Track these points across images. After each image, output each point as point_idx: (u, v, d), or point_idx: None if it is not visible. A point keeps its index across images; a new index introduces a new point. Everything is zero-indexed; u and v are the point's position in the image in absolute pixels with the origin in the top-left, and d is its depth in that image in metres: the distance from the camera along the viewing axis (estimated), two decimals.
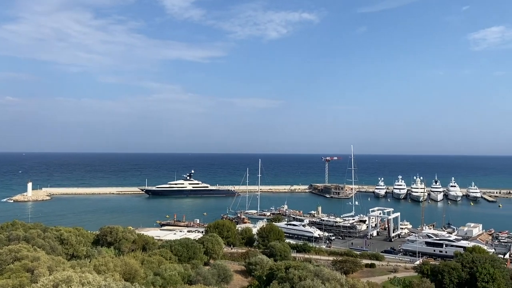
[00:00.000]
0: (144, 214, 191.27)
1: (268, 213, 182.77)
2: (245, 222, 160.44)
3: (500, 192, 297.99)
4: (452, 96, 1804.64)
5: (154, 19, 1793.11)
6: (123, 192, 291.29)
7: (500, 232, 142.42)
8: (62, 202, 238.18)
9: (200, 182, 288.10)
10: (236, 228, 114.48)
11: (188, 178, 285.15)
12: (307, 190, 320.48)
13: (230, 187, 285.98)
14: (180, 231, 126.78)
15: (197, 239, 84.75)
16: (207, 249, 78.87)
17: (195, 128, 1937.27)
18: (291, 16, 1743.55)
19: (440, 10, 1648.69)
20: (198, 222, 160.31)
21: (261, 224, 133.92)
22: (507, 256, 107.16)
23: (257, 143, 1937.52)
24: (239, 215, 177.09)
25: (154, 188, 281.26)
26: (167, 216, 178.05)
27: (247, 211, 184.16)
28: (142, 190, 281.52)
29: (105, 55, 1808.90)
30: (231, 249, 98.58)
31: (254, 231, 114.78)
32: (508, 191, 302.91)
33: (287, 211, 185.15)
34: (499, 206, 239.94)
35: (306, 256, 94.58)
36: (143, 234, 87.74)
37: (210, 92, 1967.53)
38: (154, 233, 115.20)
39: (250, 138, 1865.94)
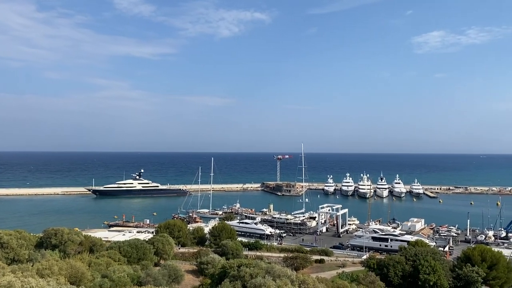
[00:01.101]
0: (91, 215, 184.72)
1: (220, 212, 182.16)
2: (197, 222, 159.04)
3: (440, 189, 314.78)
4: (397, 97, 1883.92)
5: (102, 14, 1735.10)
6: (69, 193, 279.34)
7: (441, 226, 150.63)
8: (2, 204, 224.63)
9: (150, 181, 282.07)
10: (188, 227, 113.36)
11: (137, 177, 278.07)
12: (259, 188, 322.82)
13: (181, 186, 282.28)
14: (129, 232, 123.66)
15: (147, 239, 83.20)
16: (158, 250, 77.60)
17: (145, 126, 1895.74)
18: (243, 15, 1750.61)
19: (386, 13, 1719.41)
20: (148, 222, 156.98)
21: (213, 223, 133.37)
22: (446, 248, 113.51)
23: (210, 141, 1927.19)
24: (190, 214, 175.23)
25: (101, 188, 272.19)
26: (115, 216, 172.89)
27: (199, 210, 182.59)
28: (89, 190, 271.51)
29: (49, 50, 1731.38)
30: (180, 249, 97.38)
31: (206, 230, 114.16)
32: (447, 187, 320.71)
33: (239, 210, 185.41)
34: (440, 201, 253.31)
35: (258, 253, 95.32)
36: (90, 235, 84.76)
37: (160, 90, 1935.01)
38: (102, 234, 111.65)
39: (203, 136, 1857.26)
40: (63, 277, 43.29)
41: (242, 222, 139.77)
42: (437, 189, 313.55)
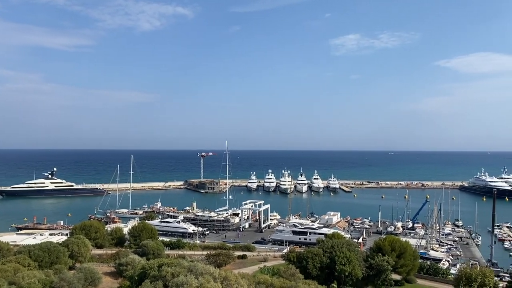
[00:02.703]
0: None
1: (141, 212, 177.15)
2: (116, 222, 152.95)
3: (355, 183, 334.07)
4: (316, 96, 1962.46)
5: (10, 0, 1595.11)
6: None
7: (355, 219, 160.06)
8: None
9: (63, 180, 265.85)
10: (106, 228, 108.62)
11: (49, 176, 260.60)
12: (182, 186, 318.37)
13: (98, 186, 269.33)
14: (40, 235, 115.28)
15: (60, 242, 78.48)
16: (73, 252, 73.67)
17: (60, 122, 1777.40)
18: (164, 9, 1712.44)
19: (307, 14, 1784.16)
20: (62, 224, 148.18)
21: (132, 223, 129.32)
22: (360, 240, 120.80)
23: (131, 138, 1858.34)
24: (108, 215, 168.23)
25: (9, 188, 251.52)
26: (25, 219, 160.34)
27: (117, 210, 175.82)
28: None
29: None
30: (93, 250, 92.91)
31: (126, 230, 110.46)
32: (361, 182, 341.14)
33: (161, 209, 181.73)
34: (354, 195, 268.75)
35: (180, 252, 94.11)
36: None
37: (77, 83, 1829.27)
38: (9, 238, 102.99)
39: (123, 133, 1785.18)
40: None
41: (164, 221, 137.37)
42: (352, 184, 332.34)
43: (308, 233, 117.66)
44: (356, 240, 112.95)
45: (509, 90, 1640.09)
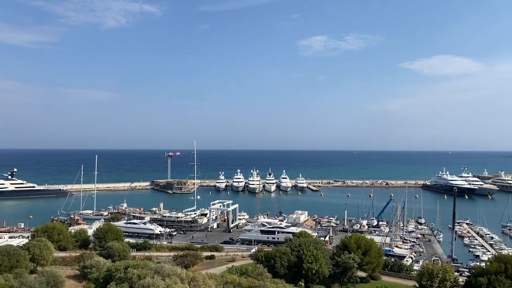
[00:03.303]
0: None
1: (106, 213, 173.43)
2: (80, 224, 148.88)
3: (322, 182, 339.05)
4: (285, 96, 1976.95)
5: None
6: None
7: (322, 218, 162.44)
8: None
9: (24, 181, 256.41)
10: (69, 230, 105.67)
11: (9, 177, 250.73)
12: (148, 187, 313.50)
13: (61, 186, 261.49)
14: (0, 238, 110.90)
15: (21, 245, 75.73)
16: (34, 256, 71.33)
17: (20, 121, 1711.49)
18: (131, 6, 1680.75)
19: (275, 15, 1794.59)
20: (22, 226, 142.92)
21: (97, 224, 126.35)
22: (327, 238, 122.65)
23: (96, 137, 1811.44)
24: (72, 216, 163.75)
25: None
26: None
27: (81, 211, 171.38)
28: None
29: None
30: (56, 253, 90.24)
31: (90, 232, 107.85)
32: (328, 181, 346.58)
33: (126, 210, 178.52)
34: (321, 194, 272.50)
35: (147, 254, 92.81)
36: None
37: (39, 81, 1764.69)
38: None
39: (88, 132, 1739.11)
40: None
41: (130, 223, 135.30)
42: (319, 183, 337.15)
43: (276, 232, 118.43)
44: (323, 239, 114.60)
45: (468, 91, 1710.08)
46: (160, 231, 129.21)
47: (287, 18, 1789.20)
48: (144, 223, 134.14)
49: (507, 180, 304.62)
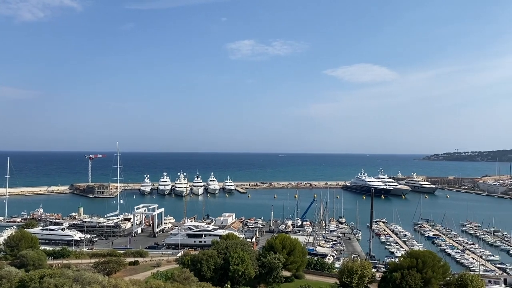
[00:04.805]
0: None
1: (19, 219, 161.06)
2: None
3: (249, 184, 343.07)
4: (215, 99, 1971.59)
5: None
6: None
7: (249, 219, 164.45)
8: None
9: None
10: None
11: None
12: (67, 191, 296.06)
13: None
14: None
15: None
16: None
17: None
18: (49, 0, 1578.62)
19: (205, 17, 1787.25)
20: None
21: (9, 232, 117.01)
22: (253, 239, 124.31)
23: (7, 138, 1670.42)
24: None
25: None
26: None
27: None
28: None
29: None
30: None
31: (1, 240, 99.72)
32: (255, 183, 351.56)
33: (42, 215, 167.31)
34: (248, 196, 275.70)
35: (65, 261, 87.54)
36: None
37: None
38: None
39: None
40: None
41: (46, 229, 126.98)
42: (247, 185, 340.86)
43: (203, 236, 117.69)
44: (250, 240, 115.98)
45: (385, 98, 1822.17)
46: (80, 237, 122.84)
47: (216, 20, 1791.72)
48: (63, 229, 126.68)
49: (418, 181, 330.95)
